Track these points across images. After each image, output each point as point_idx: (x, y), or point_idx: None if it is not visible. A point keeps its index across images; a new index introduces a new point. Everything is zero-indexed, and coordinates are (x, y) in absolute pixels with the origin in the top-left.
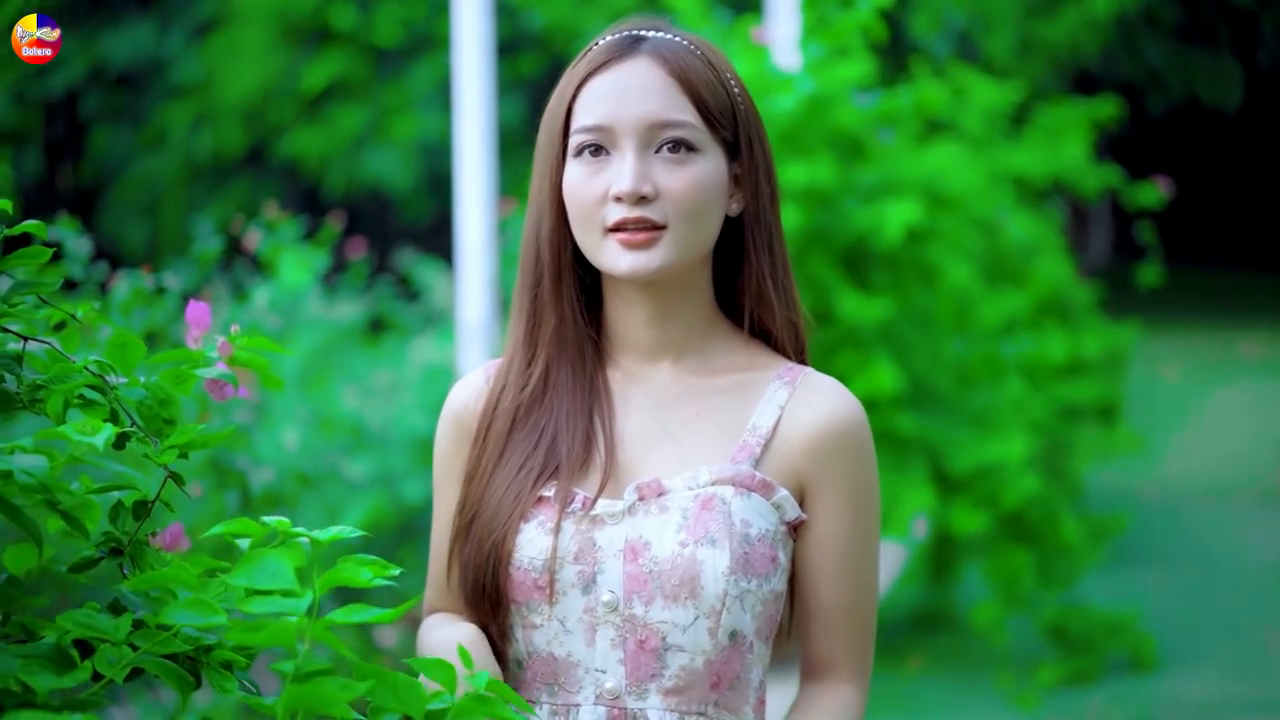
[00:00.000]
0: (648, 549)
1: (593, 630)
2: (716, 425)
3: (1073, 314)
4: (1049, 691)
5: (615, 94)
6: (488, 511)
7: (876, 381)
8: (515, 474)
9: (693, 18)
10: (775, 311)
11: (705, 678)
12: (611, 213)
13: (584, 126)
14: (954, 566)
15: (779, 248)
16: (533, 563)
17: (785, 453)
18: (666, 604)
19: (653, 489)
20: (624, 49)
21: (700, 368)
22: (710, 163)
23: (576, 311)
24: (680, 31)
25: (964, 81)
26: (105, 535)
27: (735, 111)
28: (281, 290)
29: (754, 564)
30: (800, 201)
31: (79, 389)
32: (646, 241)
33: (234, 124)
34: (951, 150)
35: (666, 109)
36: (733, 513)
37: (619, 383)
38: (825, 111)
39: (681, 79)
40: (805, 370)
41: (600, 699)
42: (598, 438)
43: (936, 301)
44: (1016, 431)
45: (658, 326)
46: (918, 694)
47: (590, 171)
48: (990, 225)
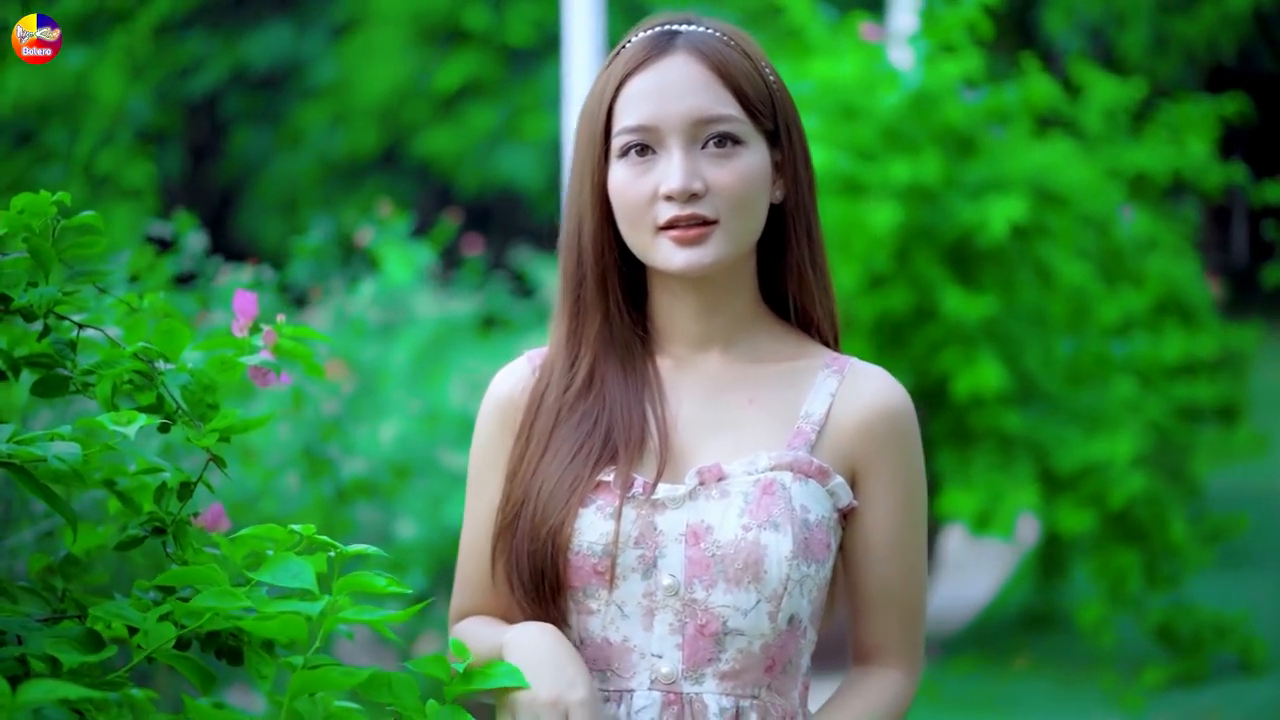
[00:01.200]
0: (710, 533)
1: (651, 615)
2: (770, 412)
3: (1193, 314)
4: (1154, 693)
5: (657, 92)
6: (541, 499)
7: (981, 379)
8: (570, 460)
9: (800, 14)
10: (816, 298)
11: (761, 661)
12: (663, 211)
13: (628, 127)
14: (1064, 567)
15: (817, 234)
16: (593, 548)
17: (837, 439)
18: (729, 588)
19: (713, 474)
20: (660, 46)
21: (749, 356)
22: (755, 154)
23: (622, 309)
24: (712, 22)
25: (1086, 78)
26: (149, 515)
27: (774, 100)
28: (384, 286)
29: (813, 549)
30: (903, 199)
31: (127, 374)
32: (699, 237)
33: (369, 124)
34: (1062, 147)
35: (710, 104)
36: (793, 498)
37: (669, 371)
38: (932, 108)
39: (721, 72)
40: (851, 359)
41: (655, 684)
42: (651, 424)
43: (1047, 299)
44: (1124, 430)
45: (705, 319)
46: (1021, 693)
47: (638, 172)
48: (1102, 223)
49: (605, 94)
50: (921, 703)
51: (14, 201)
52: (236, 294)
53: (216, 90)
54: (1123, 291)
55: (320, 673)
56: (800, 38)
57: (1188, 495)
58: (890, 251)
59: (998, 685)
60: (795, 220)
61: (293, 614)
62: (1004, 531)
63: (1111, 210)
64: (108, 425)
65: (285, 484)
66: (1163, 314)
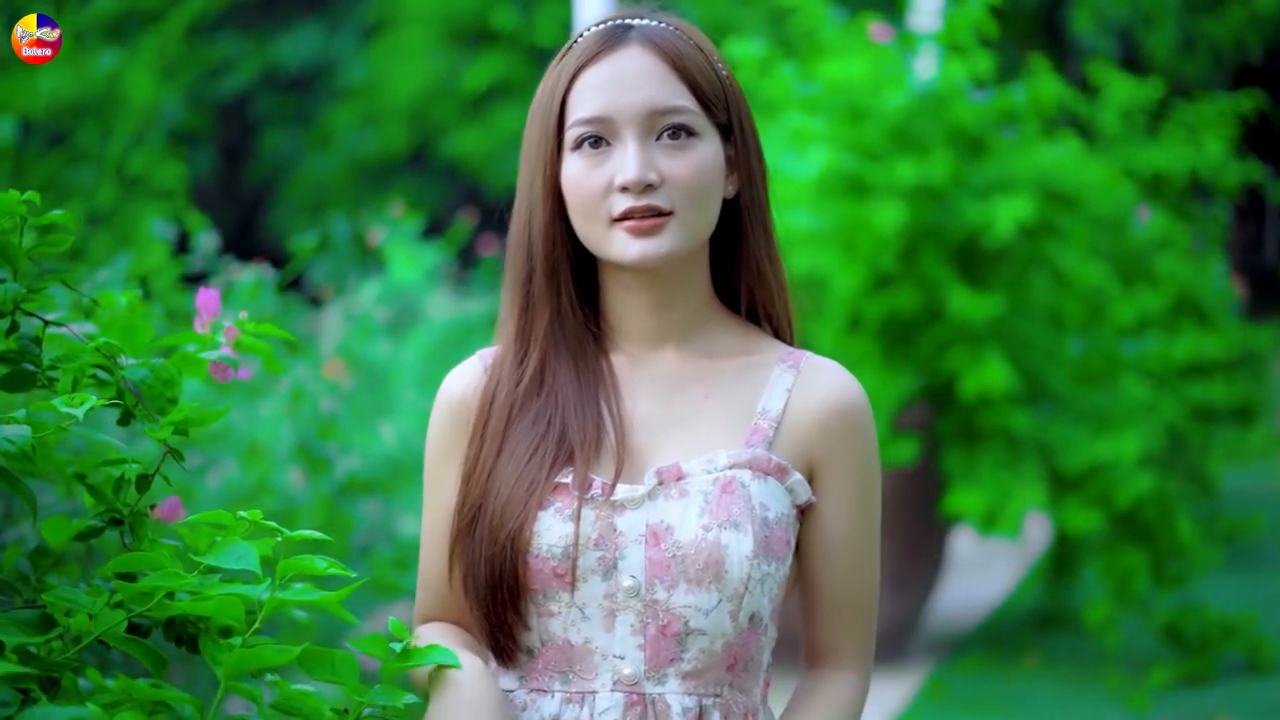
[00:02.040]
0: (670, 533)
1: (612, 616)
2: (726, 409)
3: (1209, 314)
4: (1161, 692)
5: (612, 84)
6: (498, 503)
7: (988, 379)
8: (525, 463)
9: (810, 14)
10: (773, 292)
11: (723, 660)
12: (618, 203)
13: (582, 119)
14: (1075, 567)
15: (772, 229)
16: (552, 550)
17: (795, 435)
18: (690, 588)
19: (672, 473)
20: (614, 38)
21: (704, 351)
22: (709, 146)
23: (574, 305)
24: (665, 16)
25: (1103, 78)
26: (107, 507)
27: (726, 94)
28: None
29: (773, 547)
30: (909, 199)
31: (89, 368)
32: (654, 228)
33: (398, 124)
34: (1072, 147)
35: (665, 95)
36: (752, 496)
37: (623, 368)
38: (940, 109)
39: (676, 64)
40: (806, 354)
41: (618, 685)
42: (607, 423)
43: (1056, 299)
44: (1131, 430)
45: (659, 315)
46: (1029, 693)
47: (592, 164)
48: (1111, 223)
49: (558, 88)
50: (928, 701)
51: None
52: (199, 292)
53: (247, 91)
54: (1139, 292)
55: (255, 651)
56: (812, 39)
57: (1203, 495)
58: (896, 251)
59: (1005, 684)
60: (750, 214)
61: (230, 595)
62: (1011, 531)
63: (1123, 210)
64: (59, 407)
65: (289, 481)
66: (1179, 314)
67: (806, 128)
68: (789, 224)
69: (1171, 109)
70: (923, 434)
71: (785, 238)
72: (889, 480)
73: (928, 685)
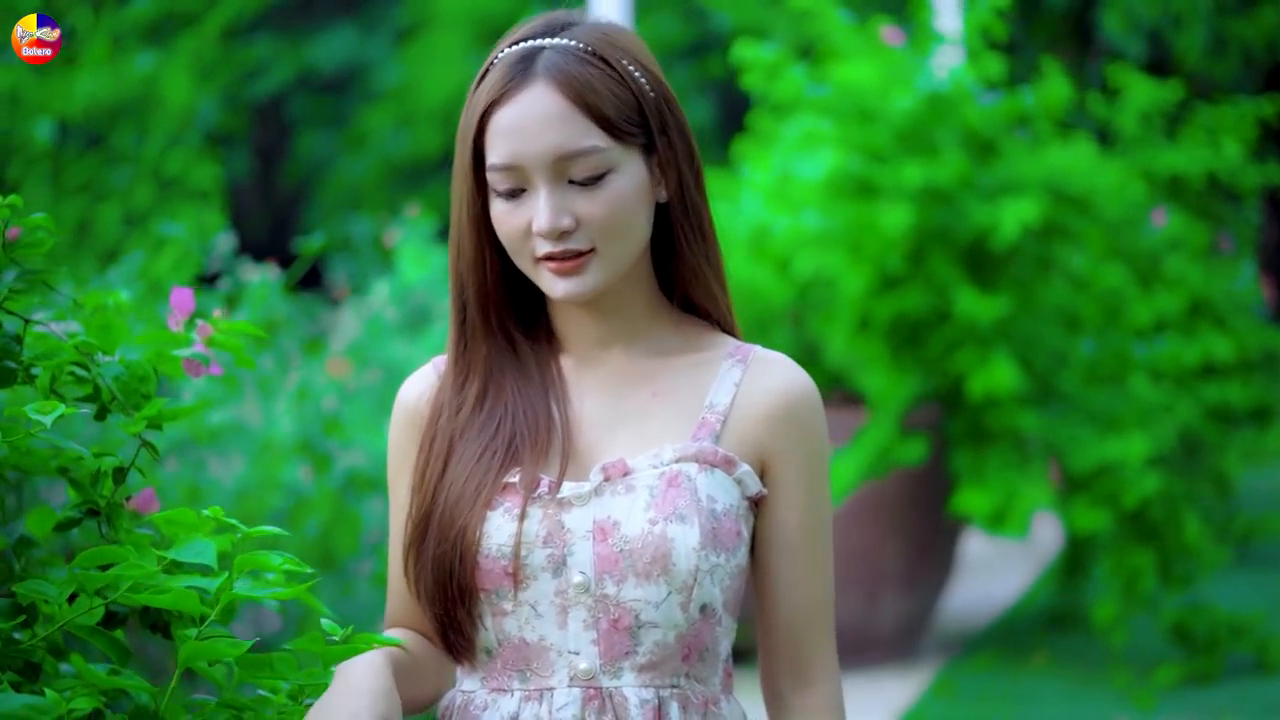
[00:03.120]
0: (617, 529)
1: (564, 613)
2: (674, 405)
3: (1225, 316)
4: (1167, 691)
5: (518, 130)
6: (448, 504)
7: (994, 379)
8: (474, 464)
9: (822, 17)
10: (713, 293)
11: (677, 651)
12: (538, 246)
13: (495, 165)
14: (1086, 567)
15: (709, 228)
16: (502, 550)
17: (744, 428)
18: (639, 582)
19: (618, 469)
20: (520, 75)
21: (652, 350)
22: (625, 175)
23: (510, 329)
24: (578, 27)
25: (1123, 80)
26: (84, 499)
27: (644, 109)
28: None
29: (721, 538)
30: (915, 201)
31: (67, 365)
32: (576, 268)
33: (432, 126)
34: (1083, 149)
35: (571, 138)
36: (699, 489)
37: (571, 370)
38: (950, 111)
39: (580, 101)
40: (754, 347)
41: (575, 680)
42: (555, 423)
43: (1069, 300)
44: (1137, 431)
45: (603, 322)
46: (1037, 690)
47: (511, 208)
48: (1121, 225)
49: (471, 124)
50: (936, 697)
51: None
52: (174, 291)
53: (282, 93)
54: (1156, 293)
55: (209, 644)
56: (825, 42)
57: (1220, 496)
58: (904, 253)
59: (1013, 682)
60: (682, 220)
61: (186, 589)
62: (1018, 531)
63: (1133, 212)
64: (29, 414)
65: (298, 477)
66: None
67: (815, 130)
68: (797, 225)
69: (1191, 111)
70: (932, 434)
71: (793, 239)
72: (898, 480)
73: (936, 682)
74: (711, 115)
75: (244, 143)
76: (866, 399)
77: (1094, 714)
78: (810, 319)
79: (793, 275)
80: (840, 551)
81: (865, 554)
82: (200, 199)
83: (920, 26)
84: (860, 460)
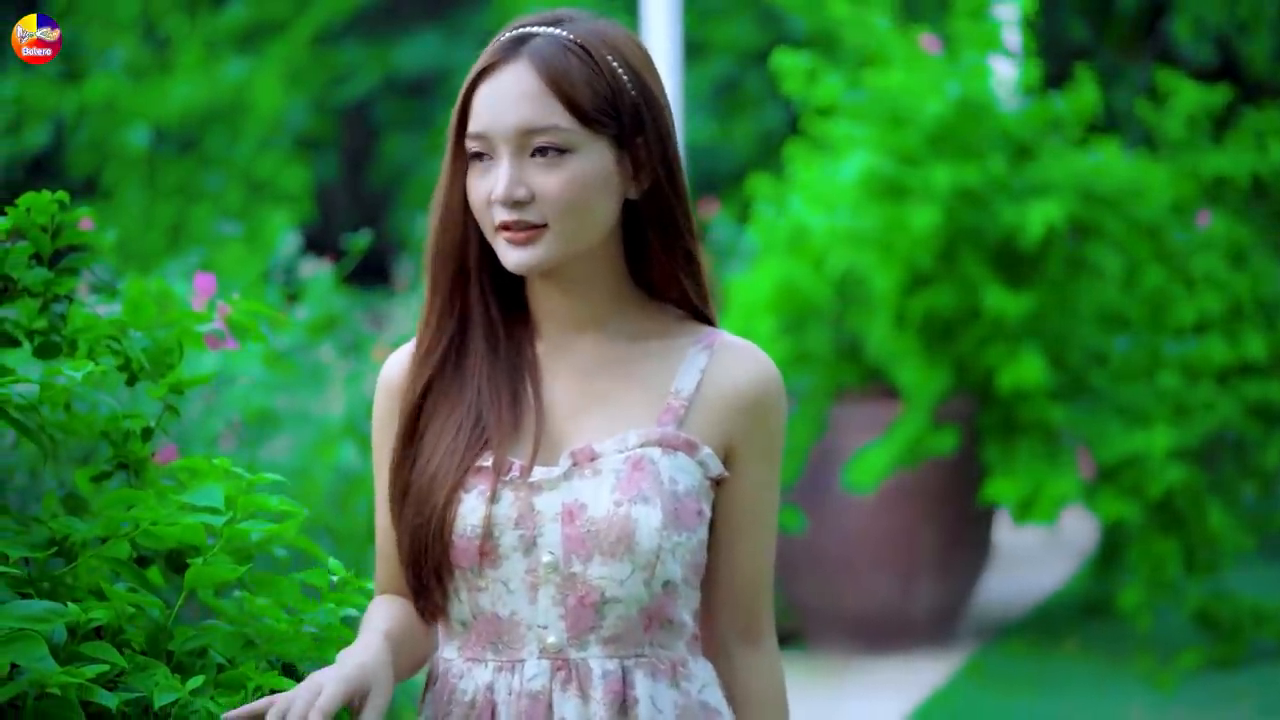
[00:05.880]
0: (584, 511)
1: (535, 590)
2: (641, 391)
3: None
4: (1189, 675)
5: (494, 101)
6: (423, 485)
7: (1022, 374)
8: (448, 442)
9: (852, 24)
10: (682, 285)
11: (639, 623)
12: (497, 214)
13: (471, 133)
14: (1120, 557)
15: (683, 222)
16: (475, 531)
17: (708, 414)
18: (605, 560)
19: (585, 454)
20: (507, 52)
21: (622, 337)
22: (587, 159)
23: (480, 298)
24: (579, 24)
25: (1171, 85)
26: (115, 454)
27: (618, 104)
28: None
29: (683, 518)
30: (945, 202)
31: (103, 339)
32: (527, 239)
33: None
34: (1112, 151)
35: (537, 115)
36: (661, 471)
37: (545, 354)
38: (981, 116)
39: (553, 82)
40: (720, 334)
41: (544, 653)
42: (526, 407)
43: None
44: (1162, 425)
45: (572, 304)
46: (1064, 674)
47: (478, 175)
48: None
49: (462, 94)
50: (967, 680)
51: (21, 200)
52: (197, 276)
53: (370, 97)
54: (1201, 294)
55: (212, 567)
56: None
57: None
58: (934, 252)
59: (1042, 667)
60: (653, 216)
61: (192, 523)
62: (1046, 519)
63: (1172, 214)
64: (64, 370)
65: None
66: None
67: (849, 134)
68: (832, 225)
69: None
70: (964, 426)
71: (828, 238)
72: (932, 470)
73: (968, 665)
74: (784, 120)
75: (332, 146)
76: (902, 392)
77: (1117, 698)
78: (850, 315)
79: (827, 273)
80: (875, 536)
81: (899, 540)
82: (290, 201)
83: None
84: (892, 450)
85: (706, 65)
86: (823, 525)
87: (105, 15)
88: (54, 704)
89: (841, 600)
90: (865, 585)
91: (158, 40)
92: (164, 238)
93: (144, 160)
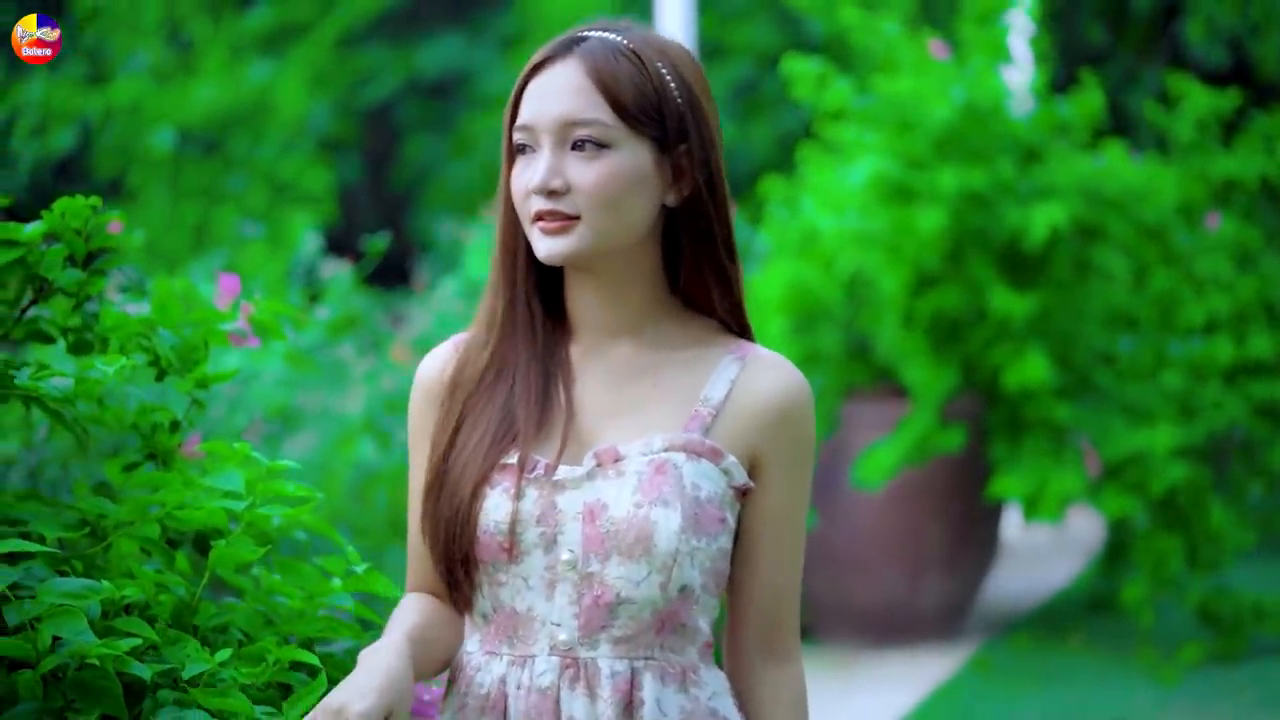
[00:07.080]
0: (605, 511)
1: (552, 587)
2: (670, 397)
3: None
4: (1191, 669)
5: (541, 95)
6: (453, 479)
7: (1027, 373)
8: (478, 443)
9: (862, 30)
10: (714, 295)
11: (651, 625)
12: (534, 203)
13: (518, 125)
14: (1127, 555)
15: (720, 232)
16: (499, 526)
17: (736, 423)
18: (622, 561)
19: (609, 455)
20: (559, 50)
21: (656, 344)
22: (625, 156)
23: (525, 295)
24: (634, 33)
25: (1180, 89)
26: (145, 444)
27: (663, 108)
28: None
29: (703, 524)
30: (951, 205)
31: (134, 336)
32: (560, 229)
33: None
34: (1116, 154)
35: (580, 108)
36: (684, 476)
37: (579, 357)
38: (987, 121)
39: (600, 79)
40: (754, 347)
41: (554, 650)
42: (556, 407)
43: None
44: (1165, 423)
45: (609, 308)
46: (1068, 668)
47: (520, 167)
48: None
49: (515, 89)
50: (973, 674)
51: (55, 205)
52: (221, 276)
53: (391, 100)
54: (1209, 295)
55: (233, 548)
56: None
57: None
58: (941, 254)
59: (1047, 661)
60: (689, 224)
61: (215, 507)
62: (1052, 516)
63: (1179, 216)
64: (97, 364)
65: (366, 455)
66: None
67: (858, 139)
68: (841, 227)
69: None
70: (971, 424)
71: (836, 240)
72: (940, 467)
73: (974, 660)
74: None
75: (354, 148)
76: (910, 391)
77: (1120, 691)
78: (860, 316)
79: (837, 274)
80: (884, 532)
81: (908, 536)
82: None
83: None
84: (900, 448)
85: (725, 68)
86: (833, 521)
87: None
88: (93, 674)
89: (850, 595)
90: (874, 580)
91: (182, 43)
92: (188, 238)
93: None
